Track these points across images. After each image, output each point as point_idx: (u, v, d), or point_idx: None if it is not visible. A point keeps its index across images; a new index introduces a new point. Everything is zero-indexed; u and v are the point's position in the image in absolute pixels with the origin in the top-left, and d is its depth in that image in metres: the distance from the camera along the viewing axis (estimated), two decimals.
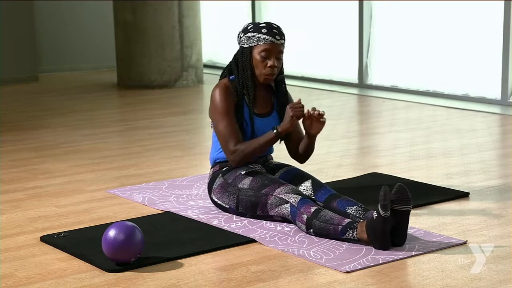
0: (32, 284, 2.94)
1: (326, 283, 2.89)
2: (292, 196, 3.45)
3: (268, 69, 3.66)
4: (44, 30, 9.78)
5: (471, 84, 7.18)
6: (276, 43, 3.65)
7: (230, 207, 3.68)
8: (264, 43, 3.65)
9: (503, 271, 2.96)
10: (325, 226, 3.30)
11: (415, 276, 2.95)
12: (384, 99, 7.39)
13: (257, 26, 3.68)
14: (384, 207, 3.13)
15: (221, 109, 3.66)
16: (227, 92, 3.69)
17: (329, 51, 8.60)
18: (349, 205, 3.47)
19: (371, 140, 5.64)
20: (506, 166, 4.64)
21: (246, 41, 3.69)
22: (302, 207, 3.39)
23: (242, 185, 3.62)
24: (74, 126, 6.27)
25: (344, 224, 3.27)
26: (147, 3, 8.20)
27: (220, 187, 3.71)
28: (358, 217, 3.41)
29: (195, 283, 2.91)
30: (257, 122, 3.73)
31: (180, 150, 5.30)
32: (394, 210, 3.19)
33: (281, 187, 3.51)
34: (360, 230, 3.23)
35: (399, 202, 3.19)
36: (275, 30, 3.67)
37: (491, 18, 6.98)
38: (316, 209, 3.37)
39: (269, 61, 3.65)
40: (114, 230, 3.04)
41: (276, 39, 3.65)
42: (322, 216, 3.33)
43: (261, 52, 3.65)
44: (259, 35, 3.66)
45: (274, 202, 3.50)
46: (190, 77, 8.43)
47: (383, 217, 3.14)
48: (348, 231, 3.25)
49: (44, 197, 4.17)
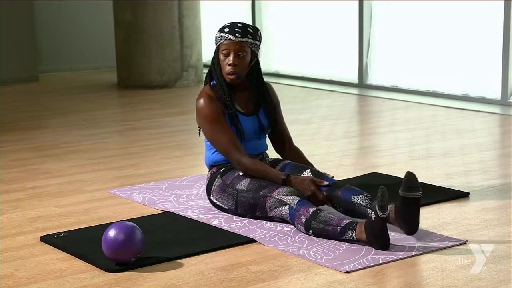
0: (32, 284, 2.94)
1: (326, 283, 2.89)
2: (291, 198, 3.45)
3: (228, 67, 3.64)
4: (44, 30, 9.78)
5: (471, 84, 7.18)
6: (235, 41, 3.62)
7: (229, 208, 3.68)
8: (224, 41, 3.65)
9: (503, 271, 2.96)
10: (324, 228, 3.30)
11: (415, 276, 2.95)
12: (384, 99, 7.39)
13: (222, 26, 3.70)
14: (381, 208, 3.13)
15: (211, 117, 3.65)
16: (210, 101, 3.67)
17: (329, 51, 8.60)
18: (354, 194, 3.48)
19: (371, 140, 5.64)
20: (506, 166, 4.64)
21: (215, 42, 3.71)
22: (301, 208, 3.39)
23: (240, 187, 3.62)
24: (74, 126, 6.27)
25: (343, 225, 3.27)
26: (147, 3, 8.20)
27: (219, 189, 3.71)
28: (365, 206, 3.41)
29: (195, 283, 2.91)
30: (245, 121, 3.73)
31: (180, 150, 5.30)
32: (405, 198, 3.23)
33: (279, 188, 3.51)
34: (359, 231, 3.23)
35: (409, 190, 3.22)
36: (238, 29, 3.64)
37: (491, 18, 6.98)
38: (314, 210, 3.36)
39: (229, 59, 3.64)
40: (114, 230, 3.04)
41: (236, 37, 3.62)
42: (320, 217, 3.33)
43: (222, 51, 3.66)
44: (221, 34, 3.67)
45: (273, 204, 3.50)
46: (190, 77, 8.43)
47: (381, 218, 3.14)
48: (347, 232, 3.25)
49: (44, 197, 4.17)
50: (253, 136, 3.77)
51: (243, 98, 3.77)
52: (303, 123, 6.16)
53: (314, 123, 6.21)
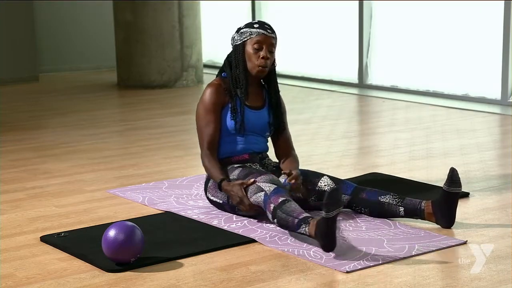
0: (32, 284, 2.94)
1: (326, 283, 2.89)
2: (268, 185, 3.46)
3: (261, 60, 3.71)
4: (44, 30, 9.78)
5: (471, 84, 7.18)
6: (268, 35, 3.73)
7: (223, 201, 3.71)
8: (256, 35, 3.72)
9: (503, 271, 2.96)
10: (285, 218, 3.30)
11: (415, 276, 2.95)
12: (384, 99, 7.39)
13: (250, 23, 3.78)
14: (326, 206, 3.05)
15: (207, 105, 3.74)
16: (218, 91, 3.76)
17: (329, 51, 8.60)
18: (381, 195, 3.58)
19: (371, 140, 5.64)
20: (506, 166, 4.64)
21: (239, 38, 3.76)
22: (273, 196, 3.39)
23: (232, 176, 3.66)
24: (74, 126, 6.27)
25: (300, 217, 3.25)
26: (147, 3, 8.20)
27: (213, 184, 3.74)
28: (395, 205, 3.52)
29: (195, 283, 2.91)
30: (249, 114, 3.76)
31: (180, 150, 5.30)
32: (448, 192, 3.41)
33: (262, 176, 3.53)
34: (311, 226, 3.19)
35: (452, 185, 3.41)
36: (267, 26, 3.76)
37: (491, 18, 6.98)
38: (283, 200, 3.36)
39: (262, 52, 3.71)
40: (114, 230, 3.04)
41: (268, 32, 3.73)
42: (285, 207, 3.32)
43: (253, 44, 3.72)
44: (251, 30, 3.74)
45: (253, 190, 3.51)
46: (190, 77, 8.43)
47: (324, 218, 3.08)
48: (302, 226, 3.23)
49: (44, 197, 4.17)
50: (254, 130, 3.79)
51: (253, 93, 3.81)
52: (303, 123, 6.17)
53: (314, 123, 6.21)
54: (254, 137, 3.80)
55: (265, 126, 3.81)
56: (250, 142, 3.78)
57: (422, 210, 3.49)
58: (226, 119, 3.75)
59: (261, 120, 3.79)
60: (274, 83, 3.87)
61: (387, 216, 3.58)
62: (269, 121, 3.81)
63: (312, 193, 3.68)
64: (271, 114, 3.83)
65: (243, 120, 3.73)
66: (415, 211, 3.51)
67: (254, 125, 3.77)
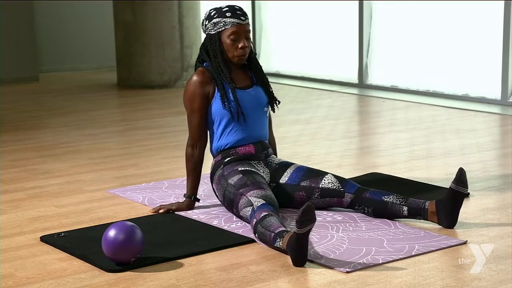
0: (32, 284, 2.94)
1: (326, 283, 2.89)
2: (257, 200, 3.43)
3: (240, 50, 3.71)
4: (44, 30, 9.78)
5: (471, 84, 7.18)
6: (242, 24, 3.70)
7: (220, 200, 3.73)
8: (231, 26, 3.69)
9: (503, 271, 2.96)
10: (264, 232, 3.24)
11: (415, 276, 2.95)
12: (384, 99, 7.39)
13: (220, 11, 3.72)
14: (298, 223, 2.97)
15: (191, 94, 3.78)
16: (202, 79, 3.75)
17: (329, 51, 8.60)
18: (384, 195, 3.59)
19: (371, 140, 5.64)
20: (506, 166, 4.64)
21: (213, 28, 3.73)
22: (257, 212, 3.35)
23: (231, 181, 3.63)
24: (74, 126, 6.27)
25: (276, 231, 3.19)
26: (147, 3, 8.20)
27: (218, 178, 3.73)
28: (399, 204, 3.53)
29: (195, 283, 2.91)
30: (241, 94, 3.75)
31: (180, 150, 5.29)
32: (455, 191, 3.42)
33: (255, 190, 3.49)
34: (285, 240, 3.13)
35: (460, 184, 3.43)
36: (239, 12, 3.72)
37: (491, 18, 6.98)
38: (264, 214, 3.30)
39: (239, 43, 3.70)
40: (114, 230, 3.04)
41: (241, 20, 3.70)
42: (265, 222, 3.26)
43: (230, 35, 3.70)
44: (224, 20, 3.70)
45: (243, 203, 3.49)
46: (190, 77, 8.43)
47: (296, 234, 3.01)
48: (277, 240, 3.17)
49: (44, 197, 4.17)
50: (253, 109, 3.77)
51: (238, 74, 3.81)
52: (303, 123, 6.17)
53: (314, 123, 6.21)
54: (254, 120, 3.77)
55: (262, 101, 3.80)
56: (252, 129, 3.76)
57: (426, 209, 3.49)
58: (219, 109, 3.73)
59: (255, 97, 3.78)
60: (255, 61, 3.86)
61: (389, 216, 3.57)
62: (264, 95, 3.83)
63: (316, 191, 3.67)
64: (262, 91, 3.84)
65: (239, 104, 3.72)
66: (418, 210, 3.51)
67: (251, 104, 3.76)
